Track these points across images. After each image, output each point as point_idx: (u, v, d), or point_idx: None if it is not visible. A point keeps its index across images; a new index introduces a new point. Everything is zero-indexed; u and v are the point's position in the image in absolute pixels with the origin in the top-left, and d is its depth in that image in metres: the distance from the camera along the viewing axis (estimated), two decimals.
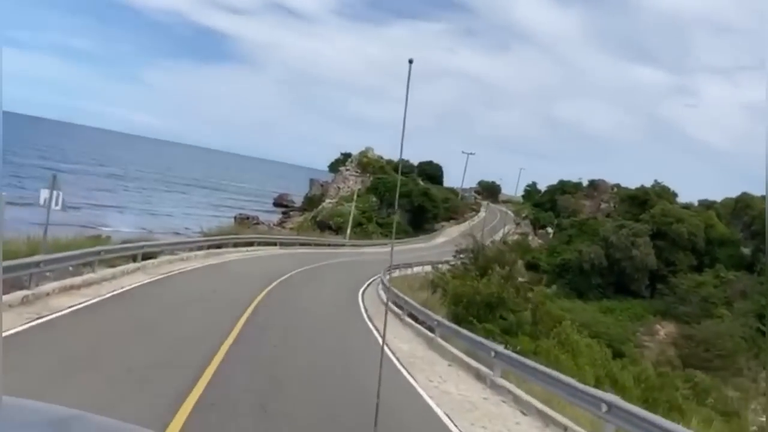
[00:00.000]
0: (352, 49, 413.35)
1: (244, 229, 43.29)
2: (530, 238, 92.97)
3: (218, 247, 33.05)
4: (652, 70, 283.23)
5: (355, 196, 72.70)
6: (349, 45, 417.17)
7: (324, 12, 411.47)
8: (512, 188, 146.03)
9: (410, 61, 4.27)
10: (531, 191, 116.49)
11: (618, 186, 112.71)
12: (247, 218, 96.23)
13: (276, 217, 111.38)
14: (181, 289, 19.59)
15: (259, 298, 19.79)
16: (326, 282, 29.36)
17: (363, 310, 22.82)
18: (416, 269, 44.65)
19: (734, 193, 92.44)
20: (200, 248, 30.76)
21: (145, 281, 19.50)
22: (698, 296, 68.06)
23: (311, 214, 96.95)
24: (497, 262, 37.41)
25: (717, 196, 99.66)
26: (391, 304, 22.59)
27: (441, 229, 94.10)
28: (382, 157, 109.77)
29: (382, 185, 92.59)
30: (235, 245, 35.16)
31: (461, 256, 43.24)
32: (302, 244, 47.66)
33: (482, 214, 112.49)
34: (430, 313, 19.28)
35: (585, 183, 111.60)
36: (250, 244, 37.33)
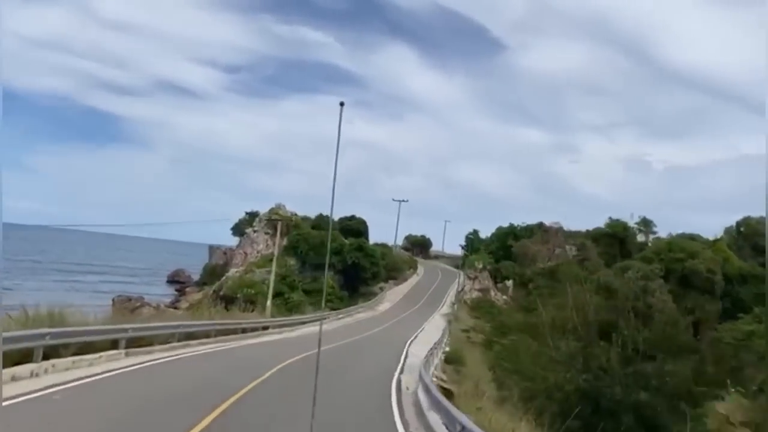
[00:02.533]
0: (248, 124, 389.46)
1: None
2: (492, 294, 71.22)
3: None
4: (536, 130, 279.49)
5: (275, 259, 48.42)
6: (246, 120, 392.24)
7: (217, 89, 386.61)
8: (437, 244, 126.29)
9: (341, 104, 5.94)
10: (473, 239, 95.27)
11: (561, 229, 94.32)
12: (129, 300, 72.44)
13: (169, 298, 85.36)
14: None
15: None
16: None
17: None
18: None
19: None
20: None
21: None
22: (751, 352, 47.68)
23: (212, 288, 71.73)
24: None
25: None
26: None
27: (381, 292, 70.66)
28: (296, 214, 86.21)
29: (304, 243, 68.85)
30: None
31: None
32: (188, 338, 22.60)
33: (421, 271, 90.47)
34: None
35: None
36: (24, 359, 12.52)
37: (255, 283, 62.79)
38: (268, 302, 42.71)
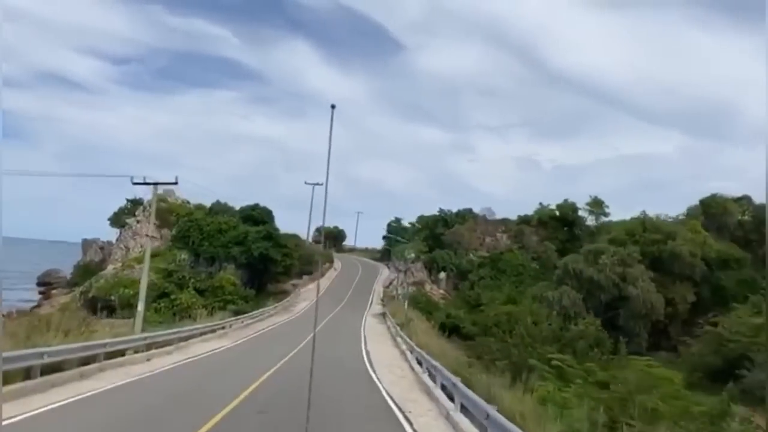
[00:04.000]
0: (139, 118, 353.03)
1: None
2: (428, 287, 59.29)
3: None
4: (436, 130, 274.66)
5: (148, 244, 33.72)
6: (136, 115, 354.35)
7: (106, 82, 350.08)
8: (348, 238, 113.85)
9: (332, 107, 6.07)
10: (395, 228, 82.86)
11: (485, 217, 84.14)
12: None
13: (33, 303, 67.79)
14: None
15: None
16: None
17: None
18: None
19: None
20: None
21: None
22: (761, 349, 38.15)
23: (81, 289, 55.91)
24: None
25: None
26: None
27: (296, 289, 57.05)
28: (188, 201, 71.01)
29: (196, 231, 54.21)
30: None
31: None
32: None
33: (338, 265, 77.35)
34: None
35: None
36: None
37: (134, 282, 47.86)
38: (140, 306, 28.15)
